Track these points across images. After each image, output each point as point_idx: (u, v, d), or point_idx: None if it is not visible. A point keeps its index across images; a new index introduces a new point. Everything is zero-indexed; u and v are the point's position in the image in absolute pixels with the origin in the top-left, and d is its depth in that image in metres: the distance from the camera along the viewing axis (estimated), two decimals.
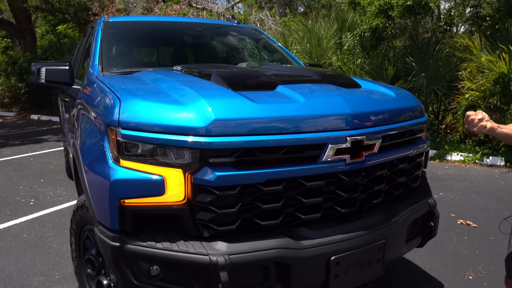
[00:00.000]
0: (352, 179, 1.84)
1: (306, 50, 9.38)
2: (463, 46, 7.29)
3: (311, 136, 1.70)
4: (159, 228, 1.66)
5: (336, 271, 1.75)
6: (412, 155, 2.15)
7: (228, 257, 1.55)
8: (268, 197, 1.69)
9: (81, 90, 2.63)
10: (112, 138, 1.65)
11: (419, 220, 2.21)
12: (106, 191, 1.61)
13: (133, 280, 1.65)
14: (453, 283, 2.93)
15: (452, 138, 7.47)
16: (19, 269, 3.12)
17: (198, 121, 1.56)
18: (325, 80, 2.23)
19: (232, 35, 3.78)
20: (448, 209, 4.47)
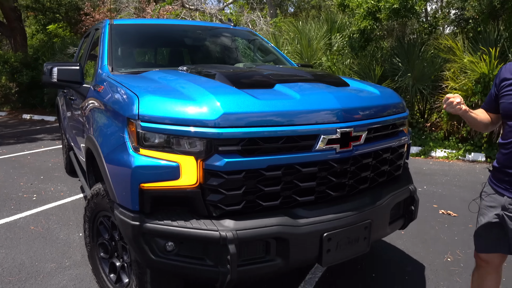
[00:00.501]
0: (341, 166, 2.09)
1: (297, 50, 9.65)
2: (447, 48, 7.62)
3: (306, 128, 1.96)
4: (173, 208, 1.90)
5: (328, 246, 2.00)
6: (394, 146, 2.42)
7: (236, 232, 1.79)
8: (269, 181, 1.93)
9: (92, 89, 2.84)
10: (132, 130, 1.88)
11: (401, 204, 2.48)
12: (128, 176, 1.84)
13: (151, 255, 1.88)
14: (433, 264, 3.22)
15: (436, 135, 7.81)
16: (31, 258, 3.31)
17: (209, 114, 1.80)
18: (317, 79, 2.49)
19: (229, 37, 4.01)
20: (431, 201, 4.77)
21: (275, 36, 10.59)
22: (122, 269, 2.47)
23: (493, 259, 2.13)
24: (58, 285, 2.89)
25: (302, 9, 20.83)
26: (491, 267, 2.16)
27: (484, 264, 2.17)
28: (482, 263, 2.18)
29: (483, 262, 2.17)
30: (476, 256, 2.20)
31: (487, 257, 2.14)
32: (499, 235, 2.04)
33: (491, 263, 2.15)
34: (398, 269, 3.14)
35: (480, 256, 2.17)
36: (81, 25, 15.74)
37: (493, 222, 2.04)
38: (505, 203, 1.97)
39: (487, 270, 2.18)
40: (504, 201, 1.98)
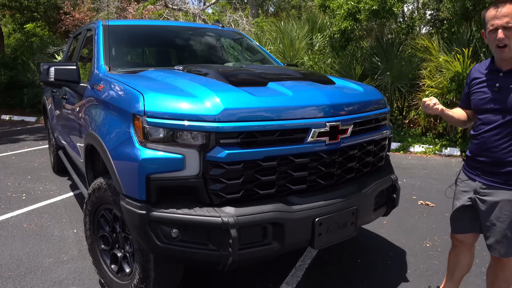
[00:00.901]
0: (330, 157, 2.28)
1: (279, 50, 9.85)
2: (423, 47, 7.96)
3: (298, 122, 2.13)
4: (178, 197, 2.04)
5: (319, 230, 2.19)
6: (377, 139, 2.63)
7: (236, 218, 1.95)
8: (265, 171, 2.10)
9: (89, 88, 2.94)
10: (138, 125, 2.02)
11: (384, 193, 2.69)
12: (135, 169, 1.97)
13: (157, 242, 2.02)
14: (413, 250, 3.45)
15: (414, 131, 8.15)
16: (27, 254, 3.38)
17: (211, 110, 1.96)
18: (306, 77, 2.67)
19: (218, 37, 4.16)
20: (411, 193, 5.04)
21: (258, 36, 10.77)
22: (123, 259, 2.59)
23: (468, 239, 2.36)
24: (58, 278, 2.98)
25: (283, 9, 21.06)
26: (465, 246, 2.40)
27: (460, 244, 2.40)
28: (458, 243, 2.41)
29: (458, 242, 2.40)
30: (452, 237, 2.43)
31: (462, 237, 2.37)
32: (472, 216, 2.28)
33: (465, 243, 2.38)
34: (381, 255, 3.36)
35: (456, 236, 2.40)
36: (60, 24, 15.52)
37: (467, 205, 2.27)
38: (477, 187, 2.20)
39: (462, 249, 2.42)
40: (476, 186, 2.20)
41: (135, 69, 3.02)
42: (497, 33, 1.97)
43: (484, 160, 2.16)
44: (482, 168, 2.18)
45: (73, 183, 5.42)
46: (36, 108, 13.26)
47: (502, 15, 1.94)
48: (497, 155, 2.09)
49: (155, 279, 2.32)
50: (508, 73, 2.04)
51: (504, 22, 1.93)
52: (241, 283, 2.90)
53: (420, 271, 3.09)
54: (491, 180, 2.14)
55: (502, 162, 2.08)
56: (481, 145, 2.16)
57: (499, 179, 2.11)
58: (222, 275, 2.99)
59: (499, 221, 2.12)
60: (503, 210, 2.10)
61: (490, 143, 2.10)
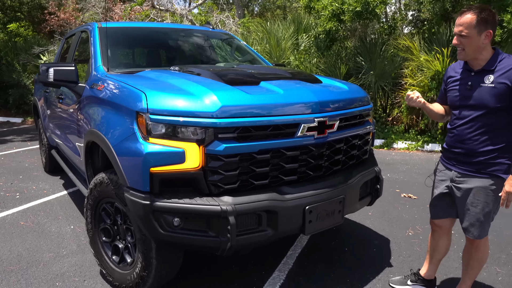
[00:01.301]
0: (318, 150, 2.48)
1: (266, 50, 10.03)
2: (405, 47, 8.26)
3: (289, 118, 2.32)
4: (179, 188, 2.20)
5: (309, 217, 2.37)
6: (361, 133, 2.84)
7: (234, 206, 2.12)
8: (259, 163, 2.28)
9: (88, 88, 3.07)
10: (141, 122, 2.17)
11: (368, 183, 2.90)
12: (139, 162, 2.13)
13: (160, 230, 2.18)
14: (396, 238, 3.68)
15: (398, 128, 8.44)
16: (27, 249, 3.48)
17: (210, 107, 2.13)
18: (295, 77, 2.86)
19: (209, 38, 4.32)
20: (394, 186, 5.29)
21: (245, 36, 10.94)
22: (125, 250, 2.73)
23: (445, 223, 2.60)
24: (60, 271, 3.10)
25: (268, 9, 21.25)
26: (443, 231, 2.63)
27: (438, 229, 2.64)
28: (437, 228, 2.64)
29: (437, 227, 2.64)
30: (432, 223, 2.67)
31: (440, 222, 2.60)
32: (449, 203, 2.52)
33: (443, 227, 2.61)
34: (367, 243, 3.57)
35: (435, 222, 2.63)
36: (45, 24, 15.40)
37: (444, 193, 2.51)
38: (453, 176, 2.43)
39: (440, 234, 2.65)
40: (452, 175, 2.44)
41: (132, 70, 3.16)
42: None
43: (459, 151, 2.38)
44: (457, 159, 2.40)
45: (66, 182, 5.51)
46: (21, 109, 13.17)
47: (459, 24, 2.19)
48: (470, 147, 2.31)
49: (157, 267, 2.47)
50: (478, 73, 2.26)
51: (458, 31, 2.20)
52: (236, 271, 3.07)
53: (403, 257, 3.31)
54: (465, 169, 2.36)
55: (475, 153, 2.30)
56: (456, 137, 2.38)
57: (472, 168, 2.33)
58: (217, 264, 3.16)
59: (473, 206, 2.34)
60: (476, 196, 2.32)
61: (464, 136, 2.32)
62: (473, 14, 2.15)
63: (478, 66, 2.26)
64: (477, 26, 2.15)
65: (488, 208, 2.33)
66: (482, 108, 2.23)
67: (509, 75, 2.15)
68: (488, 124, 2.25)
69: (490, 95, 2.20)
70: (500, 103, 2.18)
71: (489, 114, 2.23)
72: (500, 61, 2.22)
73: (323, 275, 3.01)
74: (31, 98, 12.71)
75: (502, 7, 7.03)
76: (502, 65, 2.20)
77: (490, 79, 2.20)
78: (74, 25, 14.67)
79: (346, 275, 3.02)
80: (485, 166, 2.29)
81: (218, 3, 13.55)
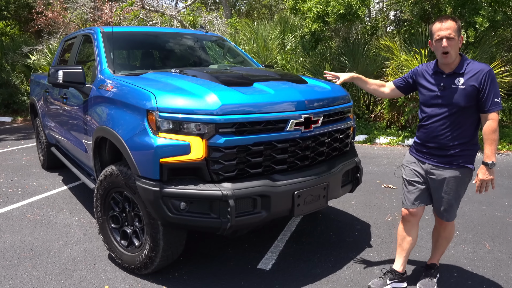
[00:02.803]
0: (305, 143, 2.83)
1: (254, 50, 10.36)
2: (386, 47, 8.68)
3: (279, 115, 2.67)
4: (185, 176, 2.53)
5: (298, 201, 2.73)
6: (343, 128, 3.21)
7: (233, 191, 2.46)
8: (254, 154, 2.62)
9: (95, 88, 3.36)
10: (151, 119, 2.49)
11: (349, 172, 3.27)
12: (151, 154, 2.45)
13: (168, 213, 2.50)
14: (376, 223, 4.07)
15: (380, 125, 8.88)
16: (37, 239, 3.75)
17: (211, 106, 2.46)
18: (283, 78, 3.20)
19: (203, 41, 4.64)
20: (376, 178, 5.69)
21: (232, 36, 11.24)
22: (133, 234, 3.04)
23: (419, 211, 2.77)
24: (70, 256, 3.39)
25: (254, 8, 21.56)
26: (415, 219, 2.79)
27: (411, 218, 2.78)
28: (410, 217, 2.78)
29: (411, 216, 2.78)
30: (405, 214, 2.81)
31: (415, 211, 2.76)
32: (422, 192, 2.72)
33: (417, 215, 2.77)
34: (350, 228, 3.95)
35: (410, 211, 2.77)
36: (32, 24, 15.42)
37: (419, 182, 2.71)
38: (428, 168, 2.67)
39: (412, 223, 2.80)
40: (427, 167, 2.67)
41: (136, 72, 3.47)
42: (442, 42, 2.44)
43: (432, 146, 2.63)
44: (431, 152, 2.65)
45: (65, 177, 5.76)
46: (10, 108, 13.23)
47: (446, 28, 2.42)
48: (443, 142, 2.57)
49: (164, 248, 2.80)
50: (449, 75, 2.53)
51: (447, 34, 2.42)
52: (232, 254, 3.41)
53: (381, 239, 3.70)
54: (439, 161, 2.62)
55: (447, 147, 2.57)
56: (429, 133, 2.63)
57: (444, 160, 2.60)
58: (215, 247, 3.50)
59: (446, 193, 2.64)
60: (449, 185, 2.61)
61: (437, 132, 2.58)
62: (453, 20, 2.44)
63: (449, 69, 2.53)
64: (457, 31, 2.43)
65: (458, 194, 2.65)
66: (453, 107, 2.50)
67: (477, 78, 2.44)
68: (458, 121, 2.52)
69: (461, 95, 2.47)
70: (469, 102, 2.47)
71: (459, 112, 2.50)
72: (467, 65, 2.50)
73: (310, 255, 3.37)
74: (21, 97, 12.81)
75: (475, 10, 7.50)
76: (469, 69, 2.48)
77: (461, 81, 2.48)
78: (62, 24, 14.76)
79: (330, 254, 3.39)
80: (455, 158, 2.57)
81: (206, 3, 13.82)
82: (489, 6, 7.65)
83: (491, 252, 3.44)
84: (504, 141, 7.72)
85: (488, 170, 2.51)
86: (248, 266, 3.20)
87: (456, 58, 2.51)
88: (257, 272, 3.12)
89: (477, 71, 2.46)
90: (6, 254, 3.42)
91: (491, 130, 2.48)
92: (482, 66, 2.49)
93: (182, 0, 17.56)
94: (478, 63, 2.52)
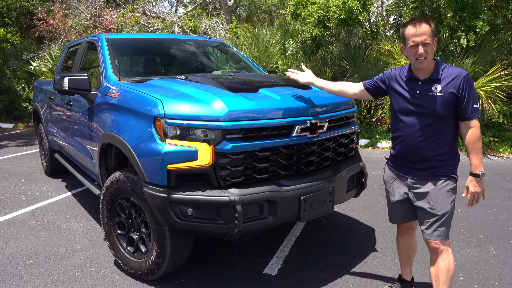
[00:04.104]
0: (310, 148, 2.85)
1: (255, 55, 10.41)
2: (387, 52, 8.73)
3: (286, 120, 2.69)
4: (192, 182, 2.54)
5: (304, 206, 2.74)
6: (347, 133, 3.22)
7: (241, 197, 2.47)
8: (261, 160, 2.64)
9: (101, 95, 3.38)
10: (159, 126, 2.51)
11: (354, 177, 3.28)
12: (158, 160, 2.46)
13: (176, 219, 2.51)
14: (381, 227, 4.08)
15: (381, 129, 8.91)
16: (42, 245, 3.76)
17: (219, 112, 2.48)
18: (288, 84, 3.22)
19: (206, 47, 4.67)
20: (378, 182, 5.70)
21: (233, 41, 11.29)
22: (139, 240, 3.05)
23: (410, 225, 2.70)
24: (76, 263, 3.40)
25: (254, 13, 21.67)
26: (413, 230, 2.73)
27: (404, 230, 2.72)
28: (403, 229, 2.72)
29: (404, 228, 2.71)
30: (399, 226, 2.74)
31: (406, 226, 2.69)
32: (410, 208, 2.55)
33: (413, 227, 2.71)
34: (354, 232, 3.96)
35: (402, 226, 2.72)
36: (33, 30, 15.50)
37: (403, 200, 2.54)
38: (410, 183, 2.46)
39: (411, 233, 2.74)
40: (409, 182, 2.47)
41: (141, 78, 3.49)
42: (417, 49, 2.23)
43: (412, 158, 2.42)
44: (410, 166, 2.44)
45: (68, 184, 5.77)
46: (12, 114, 13.25)
47: (421, 33, 2.20)
48: (423, 153, 2.37)
49: (171, 253, 2.80)
50: (425, 82, 2.32)
51: (423, 39, 2.20)
52: (237, 259, 3.42)
53: (386, 243, 3.71)
54: (420, 175, 2.41)
55: (428, 158, 2.37)
56: (407, 145, 2.41)
57: (426, 173, 2.39)
58: (221, 253, 3.50)
59: (433, 208, 2.38)
60: (434, 198, 2.38)
61: (416, 144, 2.37)
62: (427, 24, 2.22)
63: (424, 75, 2.33)
64: (432, 35, 2.23)
65: (446, 208, 2.37)
66: (432, 115, 2.30)
67: (455, 84, 2.25)
68: (438, 130, 2.33)
69: (439, 103, 2.28)
70: (448, 110, 2.29)
71: (438, 121, 2.31)
72: (443, 70, 2.30)
73: (316, 260, 3.38)
74: (22, 104, 12.84)
75: (475, 14, 7.54)
76: (445, 74, 2.29)
77: (438, 88, 2.28)
78: (63, 31, 14.82)
79: (336, 259, 3.39)
80: (438, 169, 2.37)
81: (207, 9, 13.89)
82: (489, 10, 7.70)
83: (496, 256, 3.44)
84: (506, 145, 7.73)
85: (478, 181, 2.32)
86: (254, 271, 3.20)
87: (431, 63, 2.31)
88: (264, 277, 3.12)
89: (454, 76, 2.28)
90: (12, 261, 3.42)
91: (475, 138, 2.30)
92: (459, 70, 2.30)
93: (183, 6, 17.66)
94: (454, 68, 2.33)
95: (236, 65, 4.73)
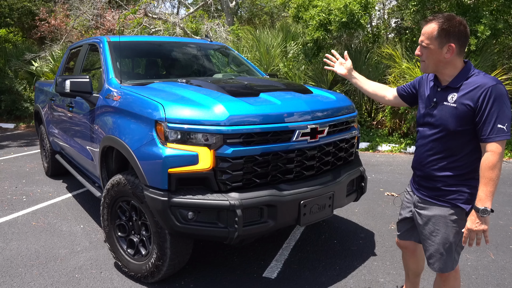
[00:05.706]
0: (311, 152, 2.86)
1: (256, 57, 10.43)
2: (388, 55, 8.74)
3: (286, 125, 2.70)
4: (193, 186, 2.56)
5: (304, 210, 2.75)
6: (348, 138, 3.23)
7: (241, 201, 2.49)
8: (261, 164, 2.65)
9: (102, 98, 3.40)
10: (160, 129, 2.53)
11: (354, 181, 3.29)
12: (159, 164, 2.47)
13: (176, 223, 2.52)
14: (380, 231, 4.09)
15: (382, 132, 8.92)
16: (43, 247, 3.77)
17: (219, 116, 2.50)
18: (289, 88, 3.24)
19: (207, 50, 4.69)
20: (379, 186, 5.71)
21: (235, 43, 11.31)
22: (139, 243, 3.06)
23: (409, 245, 2.45)
24: (77, 265, 3.41)
25: (256, 15, 21.72)
26: (408, 251, 2.49)
27: (403, 249, 2.52)
28: (402, 248, 2.53)
29: (402, 248, 2.52)
30: (397, 243, 2.53)
31: (404, 243, 2.47)
32: (412, 226, 2.35)
33: (408, 249, 2.48)
34: (353, 236, 3.97)
35: (400, 242, 2.49)
36: (35, 31, 15.54)
37: (408, 217, 2.35)
38: (415, 201, 2.23)
39: (407, 254, 2.52)
40: (415, 199, 2.24)
41: (142, 81, 3.50)
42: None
43: (419, 174, 2.18)
44: (419, 182, 2.20)
45: (69, 185, 5.78)
46: (13, 114, 13.28)
47: (422, 33, 1.99)
48: (428, 171, 2.11)
49: (171, 256, 2.82)
50: (443, 90, 2.03)
51: (420, 40, 1.99)
52: (237, 262, 3.43)
53: (386, 247, 3.72)
54: (425, 195, 2.16)
55: (433, 177, 2.09)
56: (417, 158, 2.18)
57: (431, 194, 2.12)
58: (221, 256, 3.51)
59: (433, 235, 2.12)
60: (435, 225, 2.11)
61: (424, 159, 2.13)
62: (436, 24, 1.92)
63: (444, 82, 2.04)
64: (438, 38, 1.92)
65: (449, 242, 2.08)
66: (442, 129, 2.01)
67: (473, 96, 1.89)
68: (447, 148, 2.02)
69: (451, 115, 1.96)
70: (461, 126, 1.94)
71: (448, 137, 2.00)
72: (468, 78, 1.95)
73: (315, 263, 3.39)
74: (24, 104, 12.87)
75: (477, 19, 7.56)
76: (467, 83, 1.94)
77: (453, 98, 1.96)
78: (65, 32, 14.86)
79: (335, 262, 3.40)
80: (444, 193, 2.07)
81: (208, 10, 13.93)
82: (490, 14, 7.71)
83: (495, 261, 3.45)
84: (506, 148, 7.74)
85: (479, 217, 1.91)
86: (253, 275, 3.21)
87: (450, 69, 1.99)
88: (263, 280, 3.13)
89: (476, 86, 1.90)
90: (13, 262, 3.43)
91: (488, 165, 1.88)
92: (485, 80, 1.90)
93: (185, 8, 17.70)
94: (483, 76, 1.93)
95: (237, 68, 4.75)
